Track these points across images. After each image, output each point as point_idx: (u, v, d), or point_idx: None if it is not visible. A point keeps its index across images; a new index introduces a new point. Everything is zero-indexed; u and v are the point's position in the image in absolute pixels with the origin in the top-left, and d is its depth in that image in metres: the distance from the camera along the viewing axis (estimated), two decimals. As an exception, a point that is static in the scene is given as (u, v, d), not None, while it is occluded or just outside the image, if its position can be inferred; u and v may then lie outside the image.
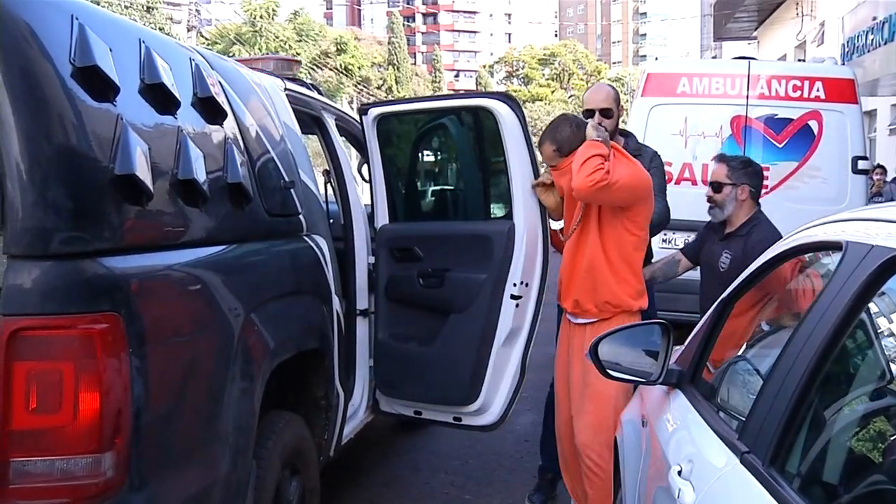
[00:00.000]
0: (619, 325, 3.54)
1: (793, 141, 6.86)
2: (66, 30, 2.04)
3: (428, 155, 5.10)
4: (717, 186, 3.90)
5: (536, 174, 3.85)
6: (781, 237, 3.40)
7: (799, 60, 12.34)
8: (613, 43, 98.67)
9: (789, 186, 6.84)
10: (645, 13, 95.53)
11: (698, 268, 4.14)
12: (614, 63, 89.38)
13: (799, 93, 6.87)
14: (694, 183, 6.91)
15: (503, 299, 3.82)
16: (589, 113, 3.99)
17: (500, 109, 3.80)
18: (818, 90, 6.89)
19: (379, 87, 55.93)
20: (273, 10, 47.40)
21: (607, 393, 3.49)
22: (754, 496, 1.59)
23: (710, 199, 3.95)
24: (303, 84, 4.25)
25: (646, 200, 3.62)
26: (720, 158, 4.05)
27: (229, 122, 2.79)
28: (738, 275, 3.69)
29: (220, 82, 2.83)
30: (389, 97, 50.18)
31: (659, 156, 4.27)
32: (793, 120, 6.87)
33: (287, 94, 3.65)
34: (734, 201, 3.87)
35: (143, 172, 2.11)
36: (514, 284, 3.81)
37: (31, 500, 1.88)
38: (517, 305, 3.83)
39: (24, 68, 1.90)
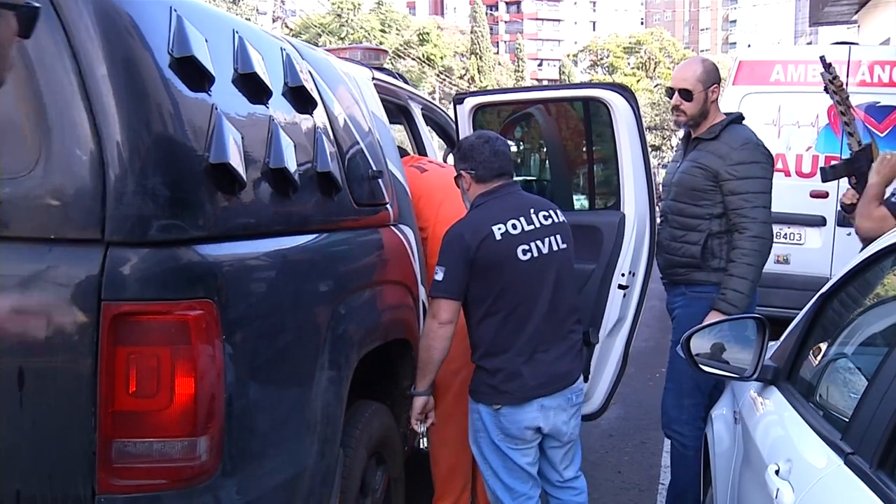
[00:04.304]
0: None
1: (896, 130, 6.56)
2: (165, 21, 2.08)
3: (511, 145, 5.05)
4: None
5: (648, 165, 3.82)
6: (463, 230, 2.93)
7: (904, 44, 11.73)
8: (702, 30, 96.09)
9: (892, 178, 6.52)
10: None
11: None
12: (702, 51, 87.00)
13: None
14: (787, 174, 6.77)
15: (611, 289, 3.83)
16: (670, 91, 3.71)
17: (615, 101, 3.80)
18: None
19: (461, 77, 55.91)
20: (358, 2, 48.02)
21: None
22: (861, 499, 1.52)
23: None
24: (389, 73, 4.27)
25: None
26: None
27: (319, 112, 2.81)
28: None
29: (309, 72, 2.85)
30: (472, 87, 50.17)
31: (758, 147, 3.55)
32: (897, 107, 6.56)
33: (374, 84, 3.66)
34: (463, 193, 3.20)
35: (236, 161, 2.13)
36: (623, 274, 3.84)
37: (132, 479, 1.93)
38: (624, 295, 3.86)
39: (125, 59, 1.95)
